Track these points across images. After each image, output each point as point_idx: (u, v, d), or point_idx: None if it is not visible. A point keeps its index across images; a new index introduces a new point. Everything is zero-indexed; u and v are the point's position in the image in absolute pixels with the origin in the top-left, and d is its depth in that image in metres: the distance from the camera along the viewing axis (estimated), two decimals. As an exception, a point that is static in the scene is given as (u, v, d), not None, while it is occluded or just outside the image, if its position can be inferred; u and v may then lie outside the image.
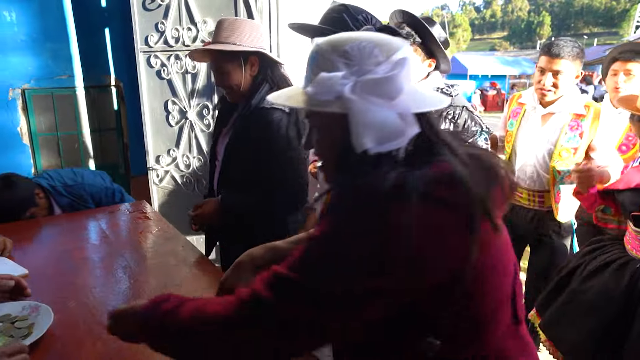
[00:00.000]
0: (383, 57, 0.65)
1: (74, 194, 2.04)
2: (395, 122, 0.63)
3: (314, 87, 0.67)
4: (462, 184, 0.61)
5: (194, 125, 2.53)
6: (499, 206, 0.69)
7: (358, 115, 0.63)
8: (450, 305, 0.64)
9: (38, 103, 3.00)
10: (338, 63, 0.66)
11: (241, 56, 1.54)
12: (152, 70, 2.55)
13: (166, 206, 2.74)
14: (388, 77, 0.64)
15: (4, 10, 2.79)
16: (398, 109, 0.63)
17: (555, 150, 1.89)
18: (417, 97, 0.67)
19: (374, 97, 0.63)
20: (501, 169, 0.70)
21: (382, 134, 0.62)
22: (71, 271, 1.39)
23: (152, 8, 2.45)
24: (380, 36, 0.68)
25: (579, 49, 1.85)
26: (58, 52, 3.00)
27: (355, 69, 0.65)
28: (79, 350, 0.97)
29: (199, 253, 1.54)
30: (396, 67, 0.64)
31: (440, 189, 0.61)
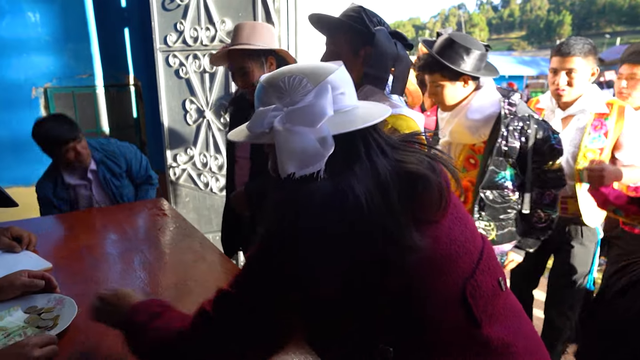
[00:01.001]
0: (311, 85, 0.71)
1: (107, 150, 2.18)
2: (314, 147, 0.68)
3: (251, 121, 0.74)
4: (360, 204, 0.66)
5: (211, 124, 2.55)
6: (426, 209, 0.71)
7: (281, 145, 0.69)
8: (384, 308, 0.69)
9: (59, 101, 3.08)
10: (272, 97, 0.73)
11: (262, 55, 1.62)
12: (171, 70, 2.58)
13: (183, 204, 2.78)
14: (309, 105, 0.69)
15: (28, 12, 2.86)
16: (319, 133, 0.68)
17: (580, 152, 1.83)
18: (343, 119, 0.71)
19: (298, 125, 0.69)
20: (426, 175, 0.71)
21: (302, 160, 0.68)
22: (93, 266, 1.42)
23: (171, 8, 2.48)
24: (312, 66, 0.74)
25: (590, 45, 1.80)
26: (79, 51, 3.07)
27: (287, 101, 0.72)
28: (101, 341, 0.99)
29: (217, 250, 1.56)
30: (318, 94, 0.70)
31: (342, 209, 0.66)
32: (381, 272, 0.68)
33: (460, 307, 0.70)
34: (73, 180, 2.12)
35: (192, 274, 1.36)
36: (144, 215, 1.96)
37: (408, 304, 0.68)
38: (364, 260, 0.67)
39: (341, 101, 0.74)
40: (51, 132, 1.95)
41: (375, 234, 0.66)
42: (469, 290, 0.71)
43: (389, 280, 0.68)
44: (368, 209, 0.65)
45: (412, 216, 0.69)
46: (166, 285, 1.29)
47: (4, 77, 2.86)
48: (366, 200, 0.66)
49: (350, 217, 0.66)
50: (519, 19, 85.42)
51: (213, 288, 1.26)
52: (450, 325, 0.69)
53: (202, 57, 2.46)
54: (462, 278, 0.71)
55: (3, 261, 1.40)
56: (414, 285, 0.68)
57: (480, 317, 0.70)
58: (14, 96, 2.92)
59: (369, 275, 0.68)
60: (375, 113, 0.75)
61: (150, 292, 1.24)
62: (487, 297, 0.72)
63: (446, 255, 0.71)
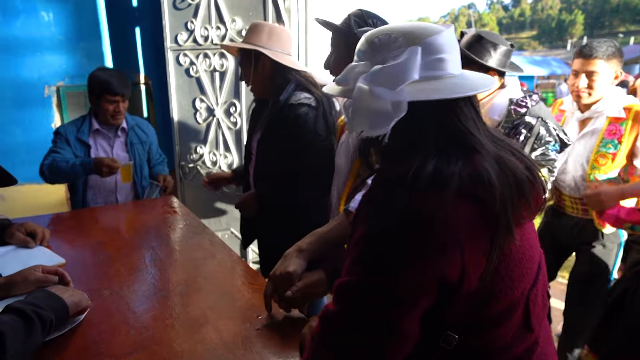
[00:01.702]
0: (404, 46, 0.67)
1: (139, 121, 2.33)
2: (386, 109, 0.65)
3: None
4: (491, 185, 0.64)
5: (221, 123, 2.57)
6: (526, 213, 0.71)
7: (356, 102, 0.68)
8: (467, 299, 0.66)
9: (71, 100, 3.11)
10: (366, 53, 0.71)
11: (252, 54, 1.68)
12: (181, 69, 2.60)
13: (193, 202, 2.80)
14: (393, 66, 0.66)
15: (42, 11, 2.90)
16: (395, 97, 0.65)
17: (592, 158, 1.81)
18: (428, 86, 0.67)
19: (378, 86, 0.66)
20: (529, 177, 0.70)
21: (371, 120, 0.66)
22: (104, 261, 1.44)
23: (182, 7, 2.50)
24: (414, 26, 0.70)
25: (614, 48, 1.77)
26: (91, 50, 3.10)
27: (378, 59, 0.69)
28: (113, 337, 1.01)
29: (226, 247, 1.57)
30: (408, 56, 0.66)
31: (471, 186, 0.64)
32: (478, 258, 0.65)
33: (522, 312, 0.72)
34: (102, 128, 2.19)
35: (202, 271, 1.37)
36: (155, 212, 1.98)
37: (484, 301, 0.67)
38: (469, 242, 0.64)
39: (437, 67, 0.68)
40: (109, 79, 2.07)
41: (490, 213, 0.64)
42: (531, 297, 0.73)
43: (475, 272, 0.65)
44: (495, 191, 0.64)
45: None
46: (176, 281, 1.30)
47: (18, 75, 2.90)
48: (496, 184, 0.64)
49: (483, 198, 0.64)
50: (530, 19, 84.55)
51: (223, 285, 1.28)
52: (511, 326, 0.71)
53: (212, 56, 2.48)
54: (530, 284, 0.73)
55: (17, 256, 1.42)
56: (496, 281, 0.67)
57: (534, 323, 0.73)
58: (28, 94, 2.96)
59: (467, 258, 0.64)
60: (471, 85, 0.68)
61: (161, 289, 1.25)
62: (539, 305, 0.75)
63: (525, 258, 0.71)
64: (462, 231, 0.63)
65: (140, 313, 1.11)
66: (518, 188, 0.68)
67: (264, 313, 1.11)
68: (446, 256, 0.62)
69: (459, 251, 0.62)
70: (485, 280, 0.65)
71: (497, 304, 0.68)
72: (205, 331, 1.04)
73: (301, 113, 1.60)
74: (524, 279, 0.71)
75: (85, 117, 2.20)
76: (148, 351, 0.96)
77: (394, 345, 0.64)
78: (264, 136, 1.71)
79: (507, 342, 0.71)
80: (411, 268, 0.62)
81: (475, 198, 0.64)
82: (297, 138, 1.61)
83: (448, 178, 0.63)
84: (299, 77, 1.69)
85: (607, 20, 66.98)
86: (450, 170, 0.64)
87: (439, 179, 0.63)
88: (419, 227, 0.62)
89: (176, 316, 1.10)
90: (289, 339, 1.01)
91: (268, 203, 1.72)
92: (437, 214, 0.62)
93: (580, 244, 1.97)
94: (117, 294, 1.21)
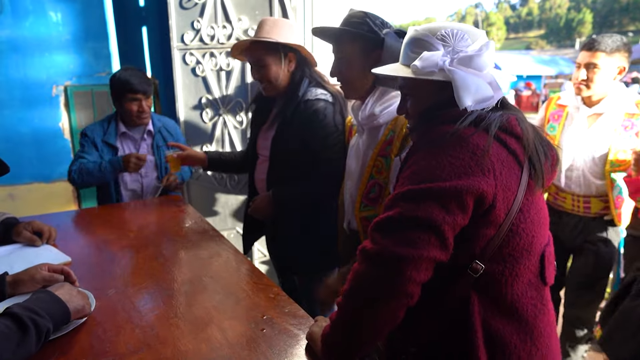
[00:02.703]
0: (471, 40, 0.87)
1: (166, 123, 2.34)
2: (486, 87, 0.83)
3: (420, 62, 0.86)
4: (523, 137, 0.84)
5: (227, 122, 2.57)
6: (547, 176, 0.87)
7: (459, 81, 0.82)
8: (496, 228, 0.80)
9: (78, 99, 3.13)
10: (437, 44, 0.87)
11: (281, 50, 1.65)
12: (187, 68, 2.61)
13: (199, 201, 2.80)
14: (478, 55, 0.84)
15: (50, 11, 2.92)
16: (486, 78, 0.84)
17: (610, 153, 1.79)
18: (496, 74, 0.86)
19: (470, 68, 0.84)
20: (550, 143, 0.90)
21: (477, 96, 0.82)
22: (110, 260, 1.44)
23: (188, 7, 2.50)
24: (463, 25, 0.88)
25: (620, 42, 1.75)
26: (98, 50, 3.12)
27: (450, 49, 0.85)
28: (118, 335, 1.01)
29: (232, 247, 1.56)
30: (482, 48, 0.86)
31: (506, 134, 0.83)
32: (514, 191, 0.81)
33: (538, 262, 0.86)
34: (128, 131, 2.18)
35: (207, 270, 1.37)
36: (161, 211, 1.99)
37: (509, 234, 0.81)
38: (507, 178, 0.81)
39: (492, 59, 0.87)
40: (128, 78, 2.05)
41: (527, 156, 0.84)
42: (546, 254, 0.87)
43: (504, 204, 0.80)
44: (527, 143, 0.84)
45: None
46: (182, 280, 1.30)
47: (26, 75, 2.92)
48: (528, 136, 0.85)
49: (514, 148, 0.84)
50: (538, 18, 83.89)
51: (228, 285, 1.27)
52: (529, 267, 0.84)
53: (218, 55, 2.48)
54: (545, 241, 0.88)
55: (24, 254, 1.43)
56: (520, 220, 0.82)
57: (547, 278, 0.87)
58: (36, 94, 2.98)
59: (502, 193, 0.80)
60: (504, 77, 0.89)
61: (166, 288, 1.25)
62: (551, 268, 0.89)
63: (542, 215, 0.88)
64: (497, 164, 0.79)
65: (145, 312, 1.11)
66: (545, 149, 0.86)
67: (269, 313, 1.11)
68: (485, 176, 0.77)
69: (493, 178, 0.78)
70: (512, 215, 0.80)
71: (519, 240, 0.81)
72: (210, 331, 1.03)
73: (320, 108, 1.61)
74: (541, 231, 0.86)
75: (111, 119, 2.18)
76: (153, 350, 0.95)
77: (436, 251, 0.76)
78: (279, 133, 1.70)
79: (524, 285, 0.84)
80: (456, 178, 0.76)
81: (507, 147, 0.82)
82: (317, 133, 1.61)
83: (489, 123, 0.82)
84: (313, 73, 1.71)
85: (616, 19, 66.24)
86: (491, 118, 0.83)
87: (481, 121, 0.82)
88: (466, 147, 0.78)
89: (181, 315, 1.10)
90: (294, 339, 1.01)
91: (289, 205, 1.71)
92: (480, 143, 0.79)
93: (583, 242, 1.94)
94: (122, 293, 1.21)
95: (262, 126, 1.82)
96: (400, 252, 0.75)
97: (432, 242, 0.75)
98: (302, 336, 1.01)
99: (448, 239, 0.76)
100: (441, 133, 0.82)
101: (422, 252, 0.75)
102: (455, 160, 0.77)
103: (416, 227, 0.76)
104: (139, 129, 2.20)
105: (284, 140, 1.68)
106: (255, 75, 1.72)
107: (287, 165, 1.70)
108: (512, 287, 0.82)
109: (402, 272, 0.74)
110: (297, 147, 1.65)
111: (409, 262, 0.74)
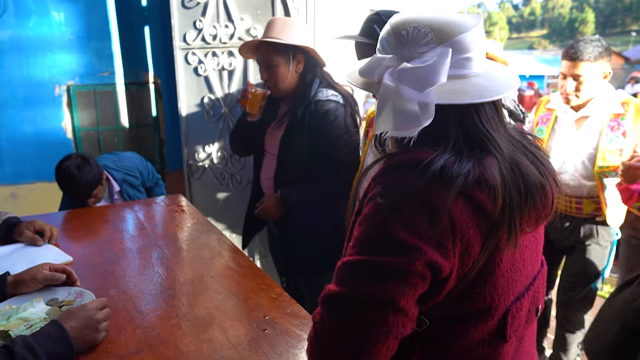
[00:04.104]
0: (434, 43, 0.65)
1: (124, 167, 2.18)
2: (413, 112, 0.64)
3: (364, 67, 0.71)
4: (494, 194, 0.64)
5: (229, 122, 2.57)
6: (533, 219, 0.70)
7: (382, 101, 0.66)
8: (448, 292, 0.67)
9: (81, 99, 3.14)
10: (392, 45, 0.69)
11: (290, 51, 1.65)
12: (190, 67, 2.61)
13: (201, 201, 2.80)
14: (423, 68, 0.64)
15: (53, 11, 2.92)
16: (422, 99, 0.63)
17: (598, 154, 1.79)
18: (454, 87, 0.65)
19: (405, 85, 0.64)
20: (542, 182, 0.70)
21: (397, 122, 0.65)
22: (111, 260, 1.44)
23: (190, 6, 2.50)
24: (445, 20, 0.67)
25: (601, 48, 1.75)
26: (101, 50, 3.12)
27: (405, 53, 0.67)
28: (120, 335, 1.00)
29: (234, 246, 1.56)
30: (438, 58, 0.64)
31: (474, 190, 0.65)
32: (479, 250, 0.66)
33: (498, 321, 0.71)
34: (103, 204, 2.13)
35: (209, 270, 1.36)
36: (163, 211, 1.98)
37: (460, 297, 0.68)
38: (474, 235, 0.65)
39: (463, 66, 0.67)
40: (85, 180, 1.90)
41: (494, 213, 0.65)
42: (513, 309, 0.72)
43: (460, 270, 0.66)
44: (497, 200, 0.64)
45: None
46: (183, 280, 1.29)
47: (29, 75, 2.93)
48: (498, 193, 0.64)
49: (484, 205, 0.65)
50: (541, 17, 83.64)
51: (230, 285, 1.27)
52: (482, 330, 0.71)
53: (220, 55, 2.47)
54: (514, 296, 0.72)
55: (26, 254, 1.42)
56: (477, 284, 0.68)
57: (510, 334, 0.72)
58: (39, 94, 2.98)
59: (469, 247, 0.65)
60: (496, 87, 0.67)
61: (167, 288, 1.25)
62: (522, 319, 0.74)
63: (516, 269, 0.71)
64: (460, 230, 0.64)
65: (147, 312, 1.11)
66: (528, 195, 0.67)
67: (271, 313, 1.10)
68: (444, 245, 0.63)
69: (452, 247, 0.63)
70: (467, 279, 0.66)
71: (471, 305, 0.69)
72: (211, 331, 1.03)
73: (331, 109, 1.61)
74: (509, 290, 0.70)
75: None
76: (154, 351, 0.95)
77: (397, 324, 0.64)
78: (288, 133, 1.69)
79: (474, 342, 0.71)
80: (414, 250, 0.62)
81: (475, 202, 0.65)
82: (328, 134, 1.61)
83: (455, 177, 0.63)
84: (324, 74, 1.71)
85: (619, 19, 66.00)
86: (459, 170, 0.63)
87: (446, 175, 0.63)
88: (424, 212, 0.63)
89: (183, 316, 1.09)
90: (296, 340, 1.00)
91: (297, 207, 1.70)
92: (440, 204, 0.63)
93: (575, 243, 1.95)
94: (123, 293, 1.21)
95: (269, 124, 1.83)
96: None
97: (393, 318, 0.64)
98: (305, 337, 1.00)
99: (409, 311, 0.65)
100: (398, 184, 0.66)
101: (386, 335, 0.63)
102: (411, 226, 0.63)
103: (373, 307, 0.63)
104: (108, 197, 2.14)
105: (294, 140, 1.68)
106: (263, 76, 1.72)
107: (296, 165, 1.70)
108: (457, 345, 0.71)
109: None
110: (306, 147, 1.65)
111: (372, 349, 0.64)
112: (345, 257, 0.68)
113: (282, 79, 1.67)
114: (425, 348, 0.72)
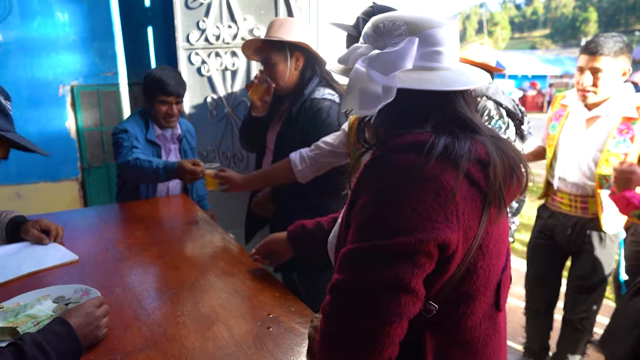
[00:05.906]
0: (406, 34, 0.71)
1: (189, 127, 2.29)
2: (376, 93, 0.69)
3: (342, 55, 0.77)
4: (493, 171, 0.70)
5: (232, 122, 2.57)
6: (510, 194, 0.77)
7: (351, 82, 0.72)
8: (454, 270, 0.70)
9: (85, 99, 3.15)
10: (370, 37, 0.75)
11: (287, 48, 1.67)
12: (193, 67, 2.61)
13: (204, 200, 2.81)
14: (390, 53, 0.69)
15: (57, 12, 2.94)
16: (387, 82, 0.68)
17: (602, 157, 1.76)
18: (421, 76, 0.70)
19: (374, 70, 0.70)
20: (519, 162, 0.76)
21: (361, 101, 0.70)
22: (117, 259, 1.45)
23: (194, 7, 2.51)
24: (419, 17, 0.72)
25: (622, 43, 1.69)
26: (104, 50, 3.13)
27: (380, 44, 0.73)
28: (126, 333, 1.01)
29: (238, 245, 1.57)
30: (405, 45, 0.70)
31: (475, 169, 0.70)
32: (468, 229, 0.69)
33: (494, 291, 0.78)
34: (161, 133, 2.14)
35: (214, 269, 1.37)
36: (167, 210, 1.99)
37: (467, 273, 0.72)
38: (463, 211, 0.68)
39: (433, 59, 0.72)
40: (163, 79, 1.99)
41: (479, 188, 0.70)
42: (503, 279, 0.79)
43: (464, 245, 0.69)
44: (495, 177, 0.70)
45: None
46: (188, 279, 1.30)
47: (33, 75, 2.95)
48: (498, 170, 0.70)
49: (481, 182, 0.70)
50: (543, 17, 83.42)
51: (234, 283, 1.28)
52: (484, 303, 0.76)
53: (224, 55, 2.48)
54: (502, 266, 0.79)
55: (32, 252, 1.44)
56: (479, 257, 0.72)
57: (501, 304, 0.80)
58: (43, 94, 3.00)
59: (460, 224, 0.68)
60: (464, 80, 0.71)
61: (172, 286, 1.26)
62: (506, 289, 0.81)
63: (501, 240, 0.77)
64: (461, 203, 0.67)
65: (152, 310, 1.12)
66: (512, 171, 0.74)
67: (275, 311, 1.11)
68: (450, 222, 0.66)
69: (457, 221, 0.67)
70: (471, 254, 0.70)
71: (476, 279, 0.73)
72: (216, 329, 1.03)
73: (324, 107, 1.64)
74: (499, 260, 0.77)
75: (146, 118, 2.11)
76: (159, 348, 0.96)
77: (408, 304, 0.65)
78: (283, 129, 1.73)
79: (479, 318, 0.76)
80: (423, 230, 0.64)
81: (470, 178, 0.69)
82: (319, 131, 1.63)
83: (459, 156, 0.67)
84: (323, 72, 1.73)
85: (622, 18, 65.73)
86: (460, 150, 0.68)
87: (450, 154, 0.67)
88: (430, 188, 0.65)
89: (187, 313, 1.10)
90: (300, 337, 1.01)
91: (286, 201, 1.72)
92: (446, 183, 0.66)
93: (581, 244, 1.92)
94: (129, 291, 1.22)
95: (271, 121, 1.86)
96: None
97: (402, 299, 0.65)
98: (309, 335, 1.01)
99: (417, 291, 0.66)
100: (399, 166, 0.67)
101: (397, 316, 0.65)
102: (418, 206, 0.64)
103: (381, 290, 0.65)
104: (169, 131, 2.16)
105: (288, 137, 1.72)
106: (265, 74, 1.76)
107: None
108: (466, 324, 0.75)
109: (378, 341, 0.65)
110: (299, 144, 1.67)
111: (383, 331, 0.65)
112: (349, 245, 0.69)
113: (281, 77, 1.70)
114: (435, 334, 0.74)
